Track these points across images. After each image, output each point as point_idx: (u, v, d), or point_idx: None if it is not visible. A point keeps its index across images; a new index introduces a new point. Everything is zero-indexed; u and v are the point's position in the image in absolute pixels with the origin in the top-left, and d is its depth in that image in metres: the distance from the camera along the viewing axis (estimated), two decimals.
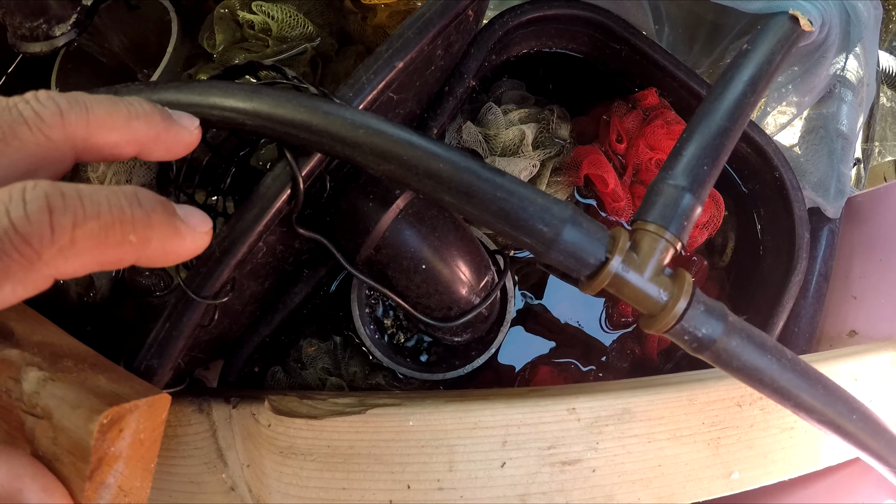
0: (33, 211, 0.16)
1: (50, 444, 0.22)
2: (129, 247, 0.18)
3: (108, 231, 0.17)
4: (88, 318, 0.39)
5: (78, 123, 0.19)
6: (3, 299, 0.17)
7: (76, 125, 0.19)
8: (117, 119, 0.21)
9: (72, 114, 0.19)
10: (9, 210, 0.16)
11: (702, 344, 0.25)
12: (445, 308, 0.34)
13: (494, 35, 0.39)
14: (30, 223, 0.16)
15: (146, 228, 0.18)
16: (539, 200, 0.23)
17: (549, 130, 0.42)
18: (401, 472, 0.31)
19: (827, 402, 0.27)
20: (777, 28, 0.34)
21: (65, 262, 0.17)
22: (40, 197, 0.16)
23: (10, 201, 0.16)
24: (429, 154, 0.23)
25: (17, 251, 0.16)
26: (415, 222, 0.31)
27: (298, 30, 0.39)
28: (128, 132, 0.21)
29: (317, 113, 0.24)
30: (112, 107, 0.21)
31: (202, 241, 0.21)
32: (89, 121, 0.20)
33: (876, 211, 0.48)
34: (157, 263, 0.20)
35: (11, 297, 0.17)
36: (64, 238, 0.16)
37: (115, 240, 0.18)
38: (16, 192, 0.16)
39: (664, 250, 0.25)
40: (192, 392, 0.34)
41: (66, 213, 0.17)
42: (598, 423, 0.31)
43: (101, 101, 0.20)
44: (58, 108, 0.19)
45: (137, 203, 0.18)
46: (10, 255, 0.16)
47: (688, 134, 0.28)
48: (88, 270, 0.18)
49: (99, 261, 0.18)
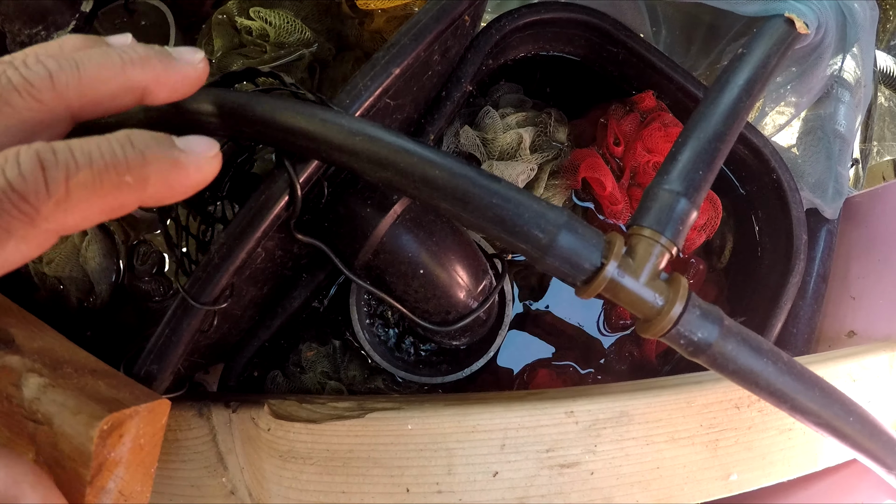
0: (27, 169, 0.17)
1: (51, 450, 0.23)
2: (128, 189, 0.18)
3: (103, 177, 0.18)
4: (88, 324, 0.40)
5: (69, 84, 0.19)
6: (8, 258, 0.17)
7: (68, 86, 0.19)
8: (110, 70, 0.20)
9: (62, 75, 0.19)
10: (4, 170, 0.17)
11: (698, 348, 0.25)
12: (444, 312, 0.34)
13: (491, 39, 0.39)
14: (25, 180, 0.17)
15: (141, 167, 0.18)
16: (534, 206, 0.23)
17: (546, 134, 0.42)
18: (400, 476, 0.31)
19: (823, 404, 0.27)
20: (772, 31, 0.34)
21: (65, 215, 0.17)
22: (32, 156, 0.17)
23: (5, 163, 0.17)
24: (425, 161, 0.23)
25: (17, 208, 0.17)
26: (412, 227, 0.32)
27: (296, 35, 0.39)
28: (124, 81, 0.21)
29: (314, 120, 0.24)
30: (103, 58, 0.20)
31: (209, 167, 0.20)
32: (81, 78, 0.20)
33: (874, 211, 0.48)
34: (166, 200, 0.20)
35: (16, 255, 0.17)
36: (59, 191, 0.17)
37: (112, 184, 0.18)
38: (10, 154, 0.17)
39: (660, 255, 0.25)
40: (191, 396, 0.34)
41: (58, 166, 0.17)
42: (596, 425, 0.32)
43: (91, 56, 0.20)
44: (47, 71, 0.19)
45: (130, 144, 0.18)
46: (11, 213, 0.17)
47: (683, 139, 0.28)
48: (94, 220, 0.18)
49: (100, 209, 0.18)
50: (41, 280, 0.39)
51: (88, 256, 0.38)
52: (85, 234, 0.38)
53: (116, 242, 0.40)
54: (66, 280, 0.39)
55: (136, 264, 0.40)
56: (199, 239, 0.32)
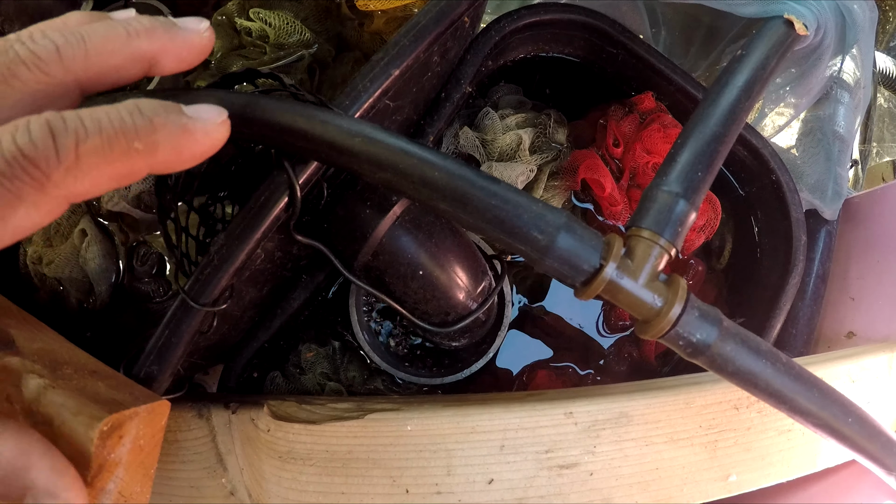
0: (37, 136, 0.17)
1: None
2: (138, 155, 0.19)
3: (112, 143, 0.18)
4: (88, 325, 0.40)
5: (76, 57, 0.20)
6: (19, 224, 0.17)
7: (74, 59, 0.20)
8: (116, 42, 0.21)
9: (68, 48, 0.19)
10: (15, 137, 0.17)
11: (696, 349, 0.25)
12: (443, 313, 0.34)
13: (491, 41, 0.39)
14: (35, 147, 0.17)
15: (150, 133, 0.19)
16: (533, 208, 0.23)
17: (546, 135, 0.42)
18: (399, 477, 0.31)
19: (822, 405, 0.27)
20: (772, 33, 0.34)
21: (75, 182, 0.18)
22: (43, 124, 0.17)
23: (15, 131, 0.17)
24: (424, 162, 0.23)
25: (27, 174, 0.17)
26: (412, 229, 0.32)
27: (296, 37, 0.39)
28: (130, 52, 0.21)
29: (313, 122, 0.24)
30: (109, 31, 0.21)
31: (217, 133, 0.21)
32: (87, 50, 0.20)
33: (873, 212, 0.48)
34: (174, 167, 0.20)
35: (27, 222, 0.18)
36: (69, 157, 0.17)
37: (121, 150, 0.18)
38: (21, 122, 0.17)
39: (658, 256, 0.25)
40: (191, 397, 0.34)
41: (67, 133, 0.17)
42: (595, 426, 0.32)
43: (96, 29, 0.20)
44: (53, 45, 0.19)
45: (138, 111, 0.19)
46: (21, 179, 0.17)
47: (682, 140, 0.28)
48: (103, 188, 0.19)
49: (110, 175, 0.18)
50: (41, 281, 0.39)
51: (88, 257, 0.38)
52: (85, 235, 0.38)
53: (116, 244, 0.40)
54: (66, 281, 0.39)
55: (135, 265, 0.40)
56: (199, 240, 0.32)
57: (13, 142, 0.17)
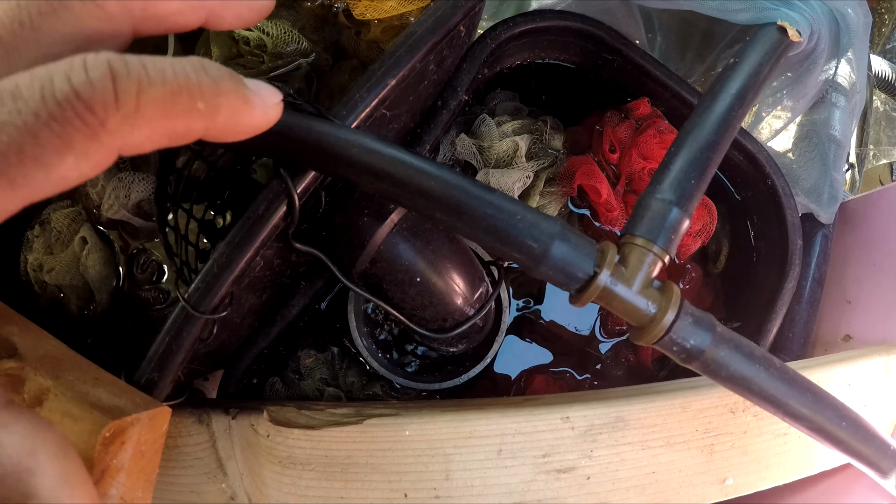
0: (96, 77, 0.15)
1: None
2: (198, 115, 0.17)
3: (176, 97, 0.16)
4: (89, 332, 0.40)
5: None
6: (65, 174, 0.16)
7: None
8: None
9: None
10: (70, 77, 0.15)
11: (690, 355, 0.25)
12: (440, 319, 0.34)
13: (486, 49, 0.39)
14: (93, 88, 0.15)
15: (215, 95, 0.17)
16: (528, 216, 0.23)
17: (542, 141, 0.42)
18: (398, 482, 0.31)
19: (816, 409, 0.28)
20: (765, 39, 0.35)
21: (131, 132, 0.16)
22: (103, 63, 0.15)
23: (70, 69, 0.15)
24: (420, 172, 0.23)
25: (80, 119, 0.15)
26: (409, 236, 0.32)
27: (293, 45, 0.39)
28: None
29: (310, 132, 0.24)
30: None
31: (273, 112, 0.19)
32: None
33: (869, 215, 0.48)
34: (227, 137, 0.19)
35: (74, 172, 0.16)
36: (129, 104, 0.16)
37: (183, 107, 0.17)
38: (77, 60, 0.15)
39: (652, 264, 0.25)
40: (191, 403, 0.34)
41: (130, 78, 0.16)
42: (592, 431, 0.32)
43: None
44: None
45: (204, 71, 0.17)
46: (73, 124, 0.15)
47: (675, 148, 0.28)
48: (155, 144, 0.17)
49: (167, 131, 0.17)
50: (42, 288, 0.39)
51: (88, 265, 0.38)
52: (85, 243, 0.39)
53: (116, 251, 0.40)
54: (67, 288, 0.39)
55: (136, 273, 0.41)
56: (198, 248, 0.33)
57: (67, 81, 0.15)
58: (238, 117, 0.18)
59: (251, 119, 0.19)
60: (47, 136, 0.15)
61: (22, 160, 0.15)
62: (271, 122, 0.20)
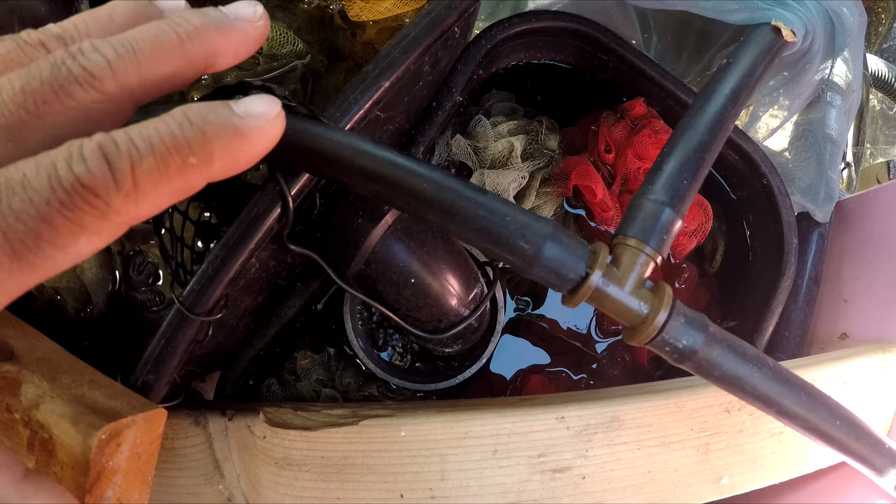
0: (93, 164, 0.16)
1: (49, 459, 0.23)
2: (194, 169, 0.18)
3: (167, 161, 0.17)
4: (85, 334, 0.40)
5: (129, 71, 0.19)
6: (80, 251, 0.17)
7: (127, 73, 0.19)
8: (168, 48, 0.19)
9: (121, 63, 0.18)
10: (70, 166, 0.16)
11: (683, 355, 0.25)
12: (435, 320, 0.34)
13: (481, 50, 0.39)
14: (93, 175, 0.16)
15: (204, 145, 0.18)
16: (520, 218, 0.23)
17: (538, 142, 0.42)
18: (394, 482, 0.31)
19: (810, 408, 0.28)
20: (759, 40, 0.35)
21: (136, 206, 0.17)
22: (95, 149, 0.17)
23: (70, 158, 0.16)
24: (412, 174, 0.23)
25: (88, 203, 0.16)
26: (403, 237, 0.32)
27: (289, 47, 0.39)
28: (183, 58, 0.20)
29: (304, 134, 0.24)
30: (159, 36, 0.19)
31: (272, 130, 0.19)
32: (139, 62, 0.19)
33: (865, 214, 0.48)
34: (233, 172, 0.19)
35: (88, 249, 0.17)
36: (127, 183, 0.17)
37: (177, 168, 0.17)
38: (74, 148, 0.17)
39: (644, 264, 0.25)
40: (188, 405, 0.34)
41: (121, 158, 0.17)
42: (587, 430, 0.32)
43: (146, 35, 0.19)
44: (106, 61, 0.18)
45: (188, 122, 0.18)
46: (83, 209, 0.16)
47: (668, 148, 0.28)
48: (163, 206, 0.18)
49: (168, 193, 0.18)
50: (38, 291, 0.40)
51: (85, 267, 0.39)
52: None
53: (112, 253, 0.41)
54: (63, 291, 0.39)
55: (132, 275, 0.41)
56: (194, 250, 0.33)
57: (69, 170, 0.16)
58: (234, 153, 0.19)
59: (250, 149, 0.19)
60: (61, 222, 0.16)
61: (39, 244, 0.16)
62: (273, 141, 0.20)
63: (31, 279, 0.17)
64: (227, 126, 0.18)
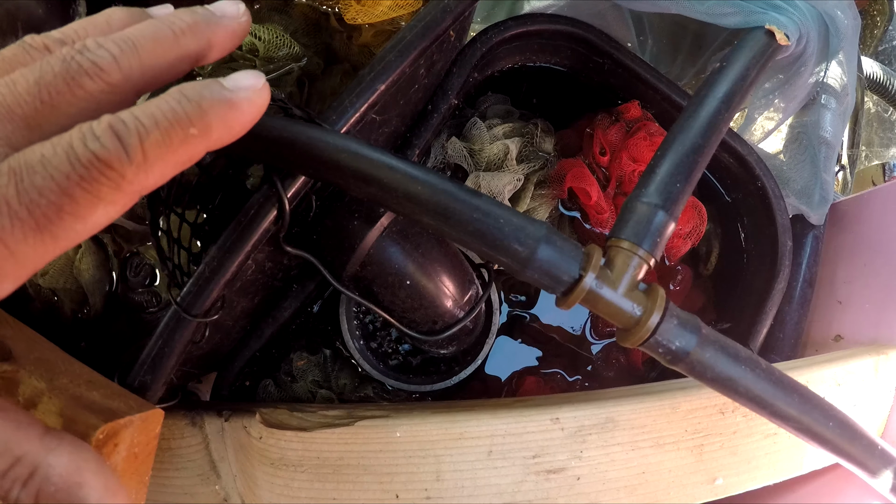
0: (106, 140, 0.18)
1: None
2: (195, 139, 0.20)
3: (171, 134, 0.19)
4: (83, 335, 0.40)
5: (132, 65, 0.21)
6: (97, 220, 0.19)
7: (131, 67, 0.21)
8: (165, 44, 0.21)
9: (124, 58, 0.20)
10: (86, 143, 0.18)
11: (676, 356, 0.26)
12: (430, 322, 0.34)
13: (477, 53, 0.39)
14: (107, 150, 0.18)
15: (202, 117, 0.20)
16: (514, 220, 0.24)
17: (533, 144, 0.42)
18: (389, 483, 0.31)
19: (802, 410, 0.28)
20: (753, 43, 0.35)
21: (146, 175, 0.19)
22: (106, 127, 0.18)
23: (83, 137, 0.18)
24: (407, 177, 0.23)
25: (104, 175, 0.18)
26: (399, 239, 0.32)
27: (285, 50, 0.40)
28: (178, 51, 0.22)
29: (300, 137, 0.24)
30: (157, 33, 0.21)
31: (260, 99, 0.21)
32: (140, 57, 0.21)
33: (860, 216, 0.48)
34: (227, 141, 0.21)
35: (104, 219, 0.19)
36: (138, 154, 0.19)
37: (180, 139, 0.19)
38: (85, 129, 0.18)
39: (637, 266, 0.25)
40: (185, 406, 0.34)
41: (130, 133, 0.19)
42: (581, 431, 0.32)
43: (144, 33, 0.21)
44: (111, 56, 0.20)
45: (185, 98, 0.20)
46: (100, 181, 0.18)
47: (662, 151, 0.29)
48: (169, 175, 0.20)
49: (174, 163, 0.20)
50: (36, 292, 0.40)
51: (82, 268, 0.39)
52: (78, 247, 0.39)
53: (109, 254, 0.41)
54: (61, 292, 0.39)
55: (129, 276, 0.41)
56: (191, 251, 0.33)
57: (85, 147, 0.18)
58: (229, 122, 0.21)
59: (241, 117, 0.21)
60: (80, 194, 0.18)
61: (61, 216, 0.18)
62: (261, 110, 0.22)
63: (53, 251, 0.18)
64: (220, 99, 0.20)
